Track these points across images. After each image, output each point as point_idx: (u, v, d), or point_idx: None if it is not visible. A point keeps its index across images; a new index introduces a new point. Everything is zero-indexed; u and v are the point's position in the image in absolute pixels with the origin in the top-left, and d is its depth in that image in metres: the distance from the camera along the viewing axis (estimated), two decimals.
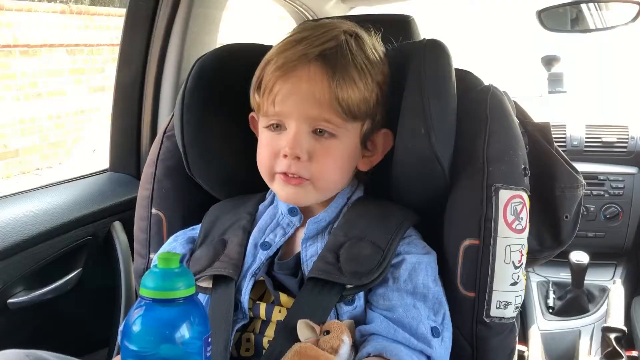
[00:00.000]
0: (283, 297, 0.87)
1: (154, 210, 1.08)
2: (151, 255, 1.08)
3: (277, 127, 0.90)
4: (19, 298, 1.17)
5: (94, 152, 4.59)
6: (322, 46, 0.88)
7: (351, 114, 0.89)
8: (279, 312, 0.86)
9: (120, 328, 1.28)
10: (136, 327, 0.63)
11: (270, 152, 0.91)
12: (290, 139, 0.87)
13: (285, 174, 0.89)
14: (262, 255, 0.92)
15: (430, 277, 0.89)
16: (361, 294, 0.87)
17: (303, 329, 0.79)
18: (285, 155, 0.88)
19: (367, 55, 0.91)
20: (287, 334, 0.81)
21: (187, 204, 1.09)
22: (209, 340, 0.66)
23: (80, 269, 1.29)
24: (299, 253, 0.91)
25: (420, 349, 0.82)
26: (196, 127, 1.01)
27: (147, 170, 1.11)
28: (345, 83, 0.87)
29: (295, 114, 0.88)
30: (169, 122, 1.14)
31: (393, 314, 0.84)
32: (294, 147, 0.87)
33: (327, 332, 0.79)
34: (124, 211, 1.36)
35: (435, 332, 0.85)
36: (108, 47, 5.34)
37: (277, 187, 0.92)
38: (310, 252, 0.91)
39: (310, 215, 0.95)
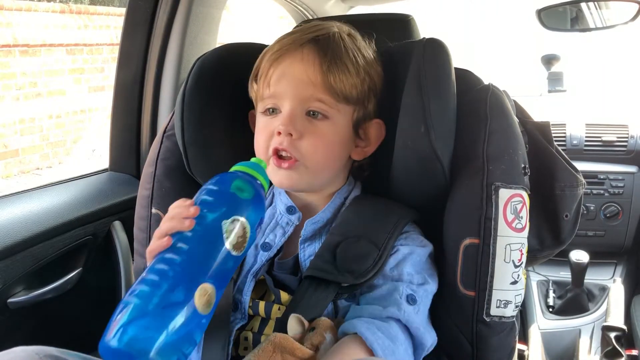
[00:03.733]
0: (284, 295, 0.88)
1: (153, 210, 1.08)
2: None
3: (273, 111, 0.92)
4: (19, 298, 1.17)
5: (93, 151, 4.60)
6: (314, 33, 0.92)
7: (343, 96, 0.90)
8: (278, 309, 0.87)
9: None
10: (218, 177, 0.77)
11: (266, 134, 0.92)
12: (285, 117, 0.89)
13: (276, 155, 0.90)
14: (263, 257, 0.92)
15: (415, 267, 0.88)
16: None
17: (293, 323, 0.80)
18: (279, 133, 0.89)
19: (358, 47, 0.94)
20: (284, 331, 0.81)
21: None
22: (258, 228, 0.76)
23: (80, 268, 1.28)
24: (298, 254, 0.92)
25: (388, 315, 0.81)
26: (197, 126, 1.01)
27: (147, 169, 1.11)
28: (336, 66, 0.89)
29: (289, 94, 0.90)
30: (169, 122, 1.14)
31: (372, 293, 0.85)
32: (286, 124, 0.88)
33: (314, 329, 0.80)
34: (124, 211, 1.36)
35: (411, 299, 0.84)
36: (108, 46, 5.34)
37: (270, 171, 0.92)
38: (308, 252, 0.91)
39: (309, 215, 0.95)
